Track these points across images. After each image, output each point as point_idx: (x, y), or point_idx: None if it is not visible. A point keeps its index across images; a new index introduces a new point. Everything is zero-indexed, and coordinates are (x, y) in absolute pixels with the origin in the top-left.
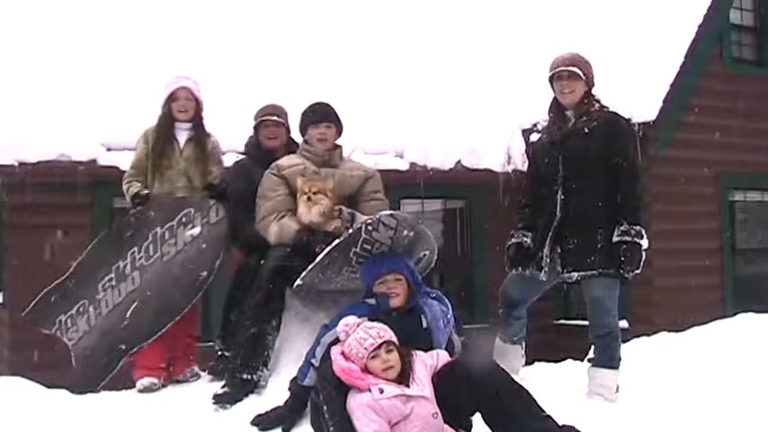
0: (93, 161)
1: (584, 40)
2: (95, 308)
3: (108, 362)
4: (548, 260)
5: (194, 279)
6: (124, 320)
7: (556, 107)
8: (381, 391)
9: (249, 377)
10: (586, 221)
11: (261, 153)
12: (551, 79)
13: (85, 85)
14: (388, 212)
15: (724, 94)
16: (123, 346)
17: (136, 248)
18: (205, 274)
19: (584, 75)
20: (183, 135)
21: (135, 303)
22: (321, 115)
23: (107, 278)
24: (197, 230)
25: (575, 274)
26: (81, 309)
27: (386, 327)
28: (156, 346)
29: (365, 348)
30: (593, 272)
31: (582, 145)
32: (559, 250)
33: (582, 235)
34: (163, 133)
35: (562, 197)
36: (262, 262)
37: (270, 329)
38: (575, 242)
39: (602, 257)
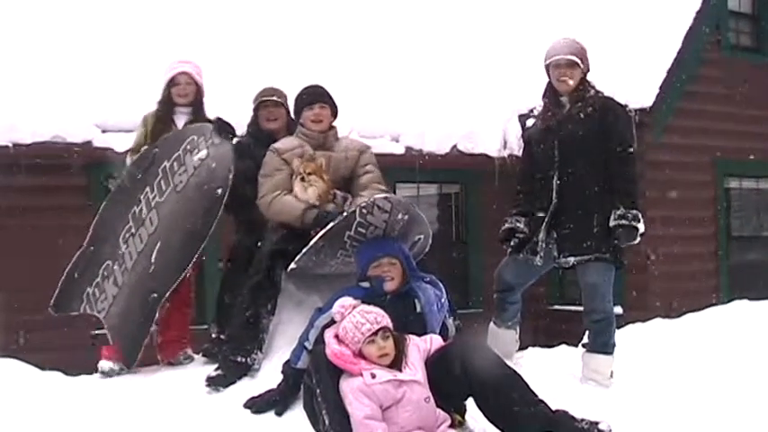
0: (88, 143)
1: (582, 26)
2: (120, 264)
3: (144, 320)
4: (543, 245)
5: (211, 199)
6: (150, 266)
7: (551, 93)
8: (373, 376)
9: (243, 360)
10: (582, 206)
11: (262, 134)
12: (548, 66)
13: (81, 67)
14: (383, 195)
15: (721, 80)
16: (156, 294)
17: (148, 189)
18: (220, 191)
19: (582, 62)
20: (182, 119)
21: (158, 244)
22: (314, 96)
23: (125, 228)
24: (204, 153)
25: (570, 259)
26: (106, 272)
27: (383, 312)
28: None
29: (362, 333)
30: (589, 256)
31: (578, 130)
32: (555, 235)
33: (578, 220)
34: (161, 117)
35: (558, 182)
36: (259, 245)
37: (265, 313)
38: (570, 227)
39: (598, 242)
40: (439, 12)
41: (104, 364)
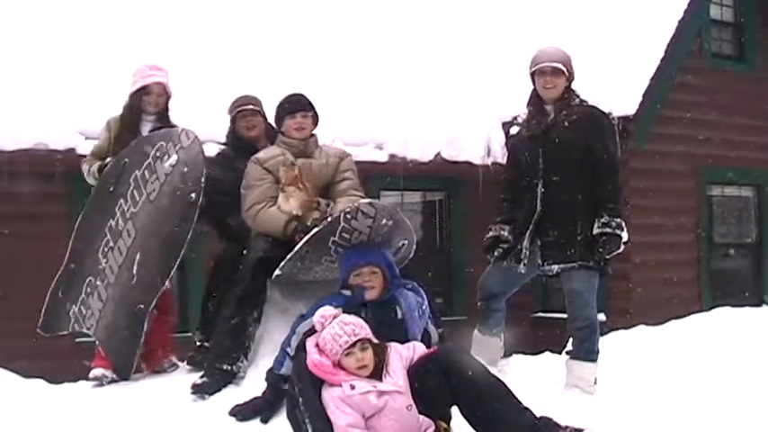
0: (71, 150)
1: (565, 34)
2: (102, 279)
3: (133, 332)
4: (527, 253)
5: (186, 204)
6: (133, 277)
7: (535, 100)
8: (353, 387)
9: (228, 368)
10: (566, 214)
11: (242, 144)
12: (533, 73)
13: (63, 73)
14: (367, 201)
15: (703, 88)
16: (142, 305)
17: (121, 200)
18: (194, 195)
19: (567, 70)
20: (147, 126)
21: (138, 255)
22: (297, 105)
23: (104, 242)
24: (174, 158)
25: (554, 267)
26: (89, 288)
27: (362, 323)
28: None
29: (339, 345)
30: (573, 264)
31: (562, 139)
32: (539, 243)
33: (562, 228)
34: (127, 123)
35: (542, 190)
36: (244, 252)
37: (251, 320)
38: (554, 235)
39: (582, 250)
40: (422, 20)
41: (97, 371)
